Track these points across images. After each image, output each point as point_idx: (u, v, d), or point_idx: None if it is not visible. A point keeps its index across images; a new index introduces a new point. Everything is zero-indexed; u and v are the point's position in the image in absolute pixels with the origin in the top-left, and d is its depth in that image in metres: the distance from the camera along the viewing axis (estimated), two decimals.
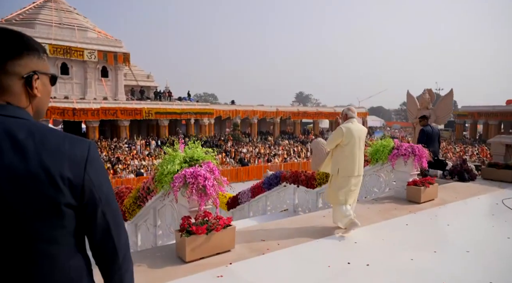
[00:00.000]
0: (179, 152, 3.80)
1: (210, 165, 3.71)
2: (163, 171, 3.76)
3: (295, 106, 46.18)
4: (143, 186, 4.53)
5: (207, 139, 29.81)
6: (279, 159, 24.69)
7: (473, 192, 6.28)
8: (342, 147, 4.23)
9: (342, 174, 4.17)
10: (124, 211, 5.32)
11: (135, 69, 34.37)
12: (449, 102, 7.99)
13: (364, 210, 5.10)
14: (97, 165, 1.01)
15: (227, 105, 35.71)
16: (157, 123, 30.56)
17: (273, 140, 34.75)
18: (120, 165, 20.67)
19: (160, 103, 29.61)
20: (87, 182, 0.96)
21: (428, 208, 5.21)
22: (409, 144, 5.81)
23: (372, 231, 4.23)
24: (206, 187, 3.45)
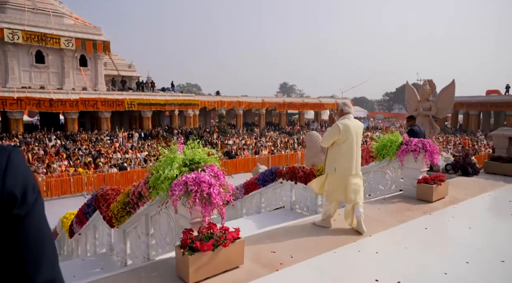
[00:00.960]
0: (177, 153, 3.28)
1: (214, 168, 3.22)
2: (159, 176, 3.24)
3: (280, 97, 45.75)
4: (133, 190, 3.99)
5: (191, 131, 29.07)
6: (266, 150, 24.28)
7: (481, 188, 6.02)
8: (338, 144, 3.97)
9: (339, 173, 3.97)
10: (110, 217, 4.76)
11: (116, 58, 33.01)
12: (450, 94, 7.72)
13: (375, 211, 4.73)
14: (19, 173, 0.76)
15: (212, 96, 34.92)
16: (140, 114, 29.54)
17: (259, 132, 34.31)
18: (101, 158, 19.78)
19: (143, 94, 28.57)
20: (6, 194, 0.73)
21: (442, 208, 4.89)
22: (418, 139, 5.45)
23: (391, 237, 3.85)
24: (211, 195, 2.96)
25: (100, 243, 6.49)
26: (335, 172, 3.99)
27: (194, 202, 2.94)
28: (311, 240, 3.75)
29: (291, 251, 3.46)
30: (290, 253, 3.40)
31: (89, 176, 17.05)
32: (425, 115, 7.96)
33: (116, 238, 5.52)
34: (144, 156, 20.73)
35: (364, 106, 75.41)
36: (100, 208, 5.44)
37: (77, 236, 7.51)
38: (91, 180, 17.09)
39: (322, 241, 3.70)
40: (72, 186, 16.52)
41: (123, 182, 17.38)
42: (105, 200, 5.29)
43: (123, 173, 17.55)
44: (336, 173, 3.97)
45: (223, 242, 2.96)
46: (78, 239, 7.65)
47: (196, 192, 2.94)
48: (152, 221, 4.20)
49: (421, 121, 8.00)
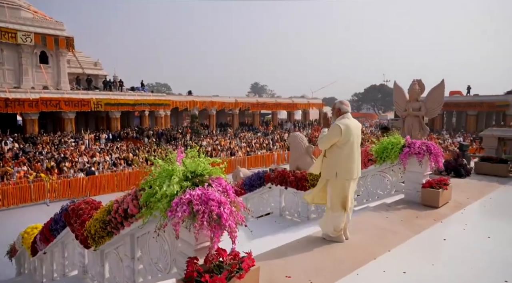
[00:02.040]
0: (176, 164, 2.70)
1: (222, 182, 2.68)
2: (153, 193, 2.66)
3: (254, 97, 45.41)
4: (116, 207, 3.35)
5: (163, 132, 27.98)
6: (242, 151, 23.76)
7: (479, 191, 5.88)
8: (339, 146, 3.60)
9: (341, 177, 3.57)
10: (86, 236, 4.07)
11: (80, 55, 31.14)
12: (440, 94, 7.61)
13: (383, 220, 4.38)
14: None
15: (184, 96, 33.88)
16: (108, 115, 28.02)
17: (232, 132, 33.71)
18: (66, 162, 18.37)
19: (111, 93, 27.08)
20: None
21: (450, 214, 4.63)
22: (422, 141, 5.18)
23: (413, 251, 3.49)
24: (222, 216, 2.42)
25: (71, 263, 5.71)
26: (336, 177, 3.59)
27: (201, 225, 2.39)
28: (327, 259, 3.29)
29: (308, 274, 2.99)
30: (308, 278, 2.93)
31: (52, 182, 15.72)
32: (414, 115, 7.80)
33: (91, 259, 4.80)
34: (114, 159, 19.53)
35: None
36: (72, 225, 4.70)
37: (41, 254, 6.64)
38: (55, 186, 15.78)
39: (339, 260, 3.25)
40: (32, 193, 15.14)
41: (92, 188, 16.23)
42: (77, 216, 4.56)
43: (91, 178, 16.37)
44: (338, 177, 3.58)
45: (236, 272, 2.43)
46: (42, 258, 6.77)
47: (203, 212, 2.39)
48: (139, 242, 3.57)
49: (411, 122, 7.84)
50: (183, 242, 2.65)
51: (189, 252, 2.61)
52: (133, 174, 17.62)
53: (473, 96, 39.07)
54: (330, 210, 3.67)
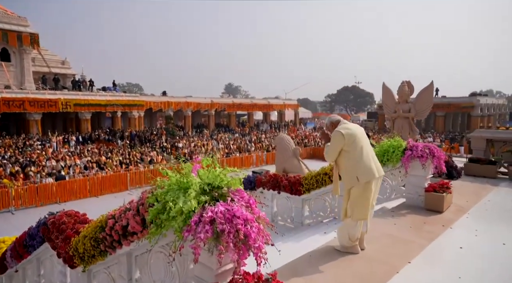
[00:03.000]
0: (192, 176, 2.35)
1: (244, 195, 2.36)
2: (165, 209, 2.29)
3: (229, 98, 44.97)
4: (111, 223, 2.92)
5: (137, 134, 26.96)
6: (220, 153, 23.30)
7: (475, 193, 5.89)
8: (348, 151, 3.39)
9: (364, 179, 3.33)
10: (72, 255, 3.59)
11: (47, 53, 29.48)
12: (429, 95, 7.65)
13: (391, 227, 4.21)
14: None
15: (158, 97, 32.89)
16: (77, 116, 26.65)
17: (209, 134, 33.13)
18: (33, 167, 17.15)
19: (80, 93, 25.76)
20: None
21: (457, 219, 4.55)
22: (424, 143, 5.08)
23: (434, 263, 3.32)
24: (250, 236, 2.10)
25: (48, 282, 5.13)
26: (358, 181, 3.35)
27: (227, 248, 2.06)
28: (349, 274, 3.05)
29: None
30: None
31: (17, 188, 14.59)
32: (404, 117, 7.80)
33: (74, 279, 4.29)
34: (85, 163, 18.48)
35: (308, 107, 77.75)
36: (52, 241, 4.18)
37: (10, 272, 5.97)
38: (20, 192, 14.65)
39: (361, 276, 3.02)
40: None
41: (62, 194, 15.22)
42: (59, 231, 4.06)
43: (61, 183, 15.34)
44: (361, 181, 3.33)
45: None
46: (12, 275, 6.09)
47: (229, 233, 2.06)
48: (137, 262, 3.16)
49: (401, 124, 7.83)
50: (200, 266, 2.30)
51: (208, 277, 2.27)
52: (107, 178, 16.73)
53: (441, 98, 40.70)
54: (350, 217, 3.43)
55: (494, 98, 48.62)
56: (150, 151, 22.38)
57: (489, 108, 41.11)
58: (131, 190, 17.14)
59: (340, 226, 3.65)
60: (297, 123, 45.90)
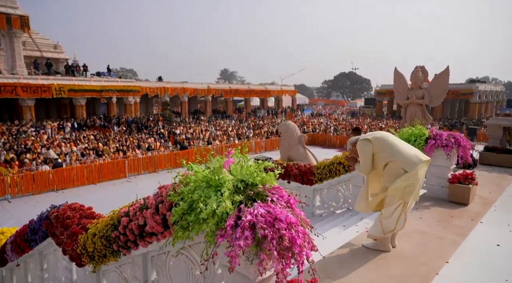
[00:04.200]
0: (223, 172, 2.05)
1: (283, 194, 2.07)
2: (194, 210, 2.00)
3: (226, 84, 44.32)
4: (125, 221, 2.63)
5: (133, 120, 26.46)
6: (218, 140, 22.97)
7: (496, 184, 5.69)
8: (382, 151, 3.15)
9: (412, 168, 3.01)
10: (79, 254, 3.31)
11: (38, 37, 28.53)
12: (444, 81, 7.34)
13: (418, 221, 3.98)
14: None
15: (154, 82, 32.22)
16: (71, 102, 26.02)
17: (206, 120, 32.70)
18: (28, 154, 16.72)
19: (74, 79, 25.05)
20: None
21: (484, 212, 4.33)
22: (448, 132, 4.81)
23: (473, 263, 3.09)
24: (295, 243, 1.83)
25: (52, 277, 4.87)
26: (407, 172, 3.02)
27: (270, 255, 1.79)
28: (385, 277, 2.81)
29: None
30: None
31: (13, 176, 14.21)
32: (418, 104, 7.50)
33: (81, 276, 4.03)
34: (82, 149, 18.07)
35: (305, 93, 77.13)
36: (57, 237, 3.90)
37: (11, 265, 5.70)
38: (16, 180, 14.28)
39: (400, 278, 2.78)
40: None
41: (59, 182, 14.88)
42: (64, 226, 3.77)
43: (58, 170, 14.97)
44: (410, 170, 3.02)
45: None
46: (13, 268, 5.83)
47: (272, 239, 1.78)
48: (154, 263, 2.89)
49: (414, 111, 7.54)
50: (235, 274, 2.03)
51: None
52: (104, 165, 16.38)
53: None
54: (387, 206, 3.16)
55: (492, 85, 48.48)
56: (147, 137, 21.98)
57: (487, 95, 41.01)
58: (130, 177, 16.84)
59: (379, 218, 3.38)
60: (295, 110, 45.53)
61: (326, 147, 23.68)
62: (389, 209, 3.13)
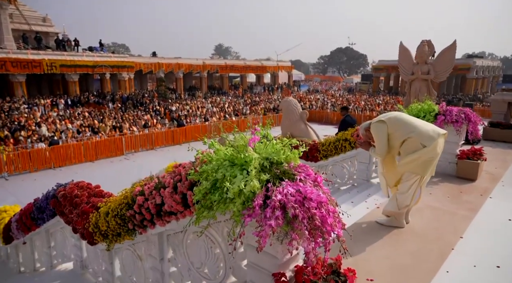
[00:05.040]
0: (250, 150, 1.97)
1: (310, 172, 2.01)
2: (220, 189, 1.93)
3: (222, 59, 43.50)
4: (141, 200, 2.57)
5: (128, 97, 26.03)
6: (216, 117, 22.79)
7: (502, 159, 5.71)
8: (397, 130, 3.08)
9: (431, 142, 2.97)
10: (91, 232, 3.28)
11: (25, 9, 27.43)
12: (451, 56, 7.20)
13: (428, 197, 3.99)
14: None
15: (148, 58, 31.46)
16: (64, 78, 25.41)
17: (202, 96, 32.31)
18: (23, 131, 16.46)
19: (66, 54, 24.34)
20: None
21: (492, 187, 4.36)
22: (458, 108, 4.75)
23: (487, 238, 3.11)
24: (325, 222, 1.78)
25: (60, 254, 4.88)
26: (426, 147, 2.98)
27: (301, 235, 1.75)
28: (401, 252, 2.82)
29: (392, 275, 2.50)
30: (395, 280, 2.43)
31: (9, 154, 14.03)
32: (423, 79, 7.39)
33: (91, 254, 4.03)
34: (77, 127, 17.82)
35: (301, 69, 76.18)
36: (65, 216, 3.86)
37: (17, 243, 5.70)
38: (12, 158, 14.12)
39: (416, 254, 2.79)
40: None
41: (56, 159, 14.75)
42: (72, 205, 3.72)
43: (55, 148, 14.80)
44: (429, 145, 2.98)
45: None
46: (18, 245, 5.84)
47: (303, 218, 1.73)
48: (170, 242, 2.87)
49: (419, 86, 7.44)
50: (261, 254, 1.99)
51: (271, 266, 1.97)
52: (101, 142, 16.23)
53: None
54: (404, 181, 3.14)
55: (489, 60, 48.23)
56: (143, 114, 21.71)
57: (484, 71, 40.86)
58: (127, 155, 16.76)
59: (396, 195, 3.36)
60: (291, 86, 45.10)
61: (323, 123, 23.63)
62: (406, 184, 3.11)
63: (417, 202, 3.25)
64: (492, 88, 43.91)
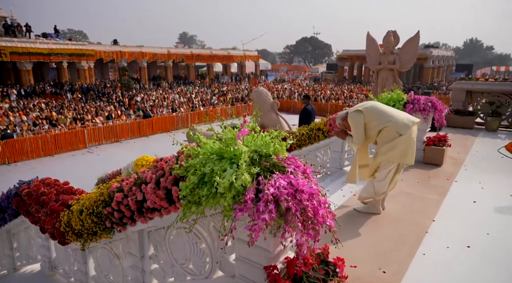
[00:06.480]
0: (238, 143, 1.92)
1: (299, 164, 2.00)
2: (209, 183, 1.87)
3: (187, 48, 42.41)
4: (120, 197, 2.43)
5: (88, 87, 24.75)
6: (183, 107, 22.28)
7: (462, 144, 6.06)
8: (373, 119, 3.18)
9: (405, 130, 3.08)
10: (63, 232, 3.09)
11: None
12: (414, 46, 7.47)
13: (399, 183, 4.13)
14: None
15: (109, 46, 29.98)
16: (15, 66, 23.64)
17: (167, 86, 31.44)
18: None
19: (17, 40, 22.57)
20: None
21: (457, 172, 4.62)
22: (425, 96, 4.96)
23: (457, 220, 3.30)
24: (317, 212, 1.79)
25: (24, 256, 4.58)
26: (402, 135, 3.07)
27: (295, 227, 1.74)
28: (380, 238, 2.92)
29: (374, 260, 2.58)
30: (377, 265, 2.52)
31: None
32: (389, 69, 7.63)
33: (61, 253, 3.82)
34: (33, 119, 16.70)
35: (267, 59, 76.16)
36: (31, 215, 3.61)
37: None
38: None
39: (394, 239, 2.91)
40: None
41: (10, 154, 13.79)
42: (39, 203, 3.49)
43: (9, 142, 13.81)
44: (404, 133, 3.08)
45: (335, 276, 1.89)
46: None
47: (296, 211, 1.73)
48: (150, 238, 2.77)
49: (385, 76, 7.68)
50: (252, 247, 1.97)
51: (262, 259, 1.96)
52: (61, 135, 15.38)
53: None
54: (382, 169, 3.23)
55: (443, 50, 50.85)
56: (106, 105, 20.78)
57: (439, 60, 43.04)
58: (90, 148, 16.03)
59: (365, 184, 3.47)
60: (258, 75, 45.05)
61: (291, 113, 23.87)
62: (383, 172, 3.21)
63: (393, 187, 3.38)
64: (446, 77, 46.46)
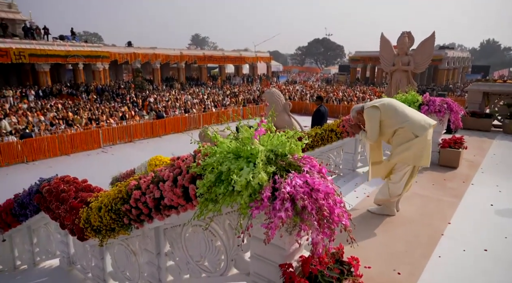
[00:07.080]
0: (256, 143, 1.95)
1: (314, 163, 2.02)
2: (225, 181, 1.92)
3: (200, 50, 42.78)
4: (137, 194, 2.50)
5: (103, 88, 25.21)
6: (196, 108, 22.46)
7: (479, 147, 5.96)
8: (390, 118, 3.13)
9: (422, 132, 3.05)
10: (82, 228, 3.18)
11: None
12: (429, 47, 7.39)
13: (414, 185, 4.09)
14: None
15: (123, 48, 30.47)
16: (34, 68, 24.25)
17: (180, 87, 31.76)
18: None
19: (35, 42, 23.17)
20: None
21: (473, 174, 4.55)
22: (441, 98, 4.90)
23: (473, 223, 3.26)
24: (333, 212, 1.81)
25: (43, 251, 4.72)
26: (417, 137, 3.05)
27: (311, 226, 1.77)
28: (395, 239, 2.91)
29: (388, 262, 2.58)
30: (392, 266, 2.52)
31: None
32: (403, 70, 7.56)
33: (80, 249, 3.92)
34: (50, 119, 17.10)
35: (279, 60, 76.14)
36: (52, 212, 3.72)
37: None
38: None
39: (409, 240, 2.89)
40: None
41: (28, 153, 14.15)
42: (59, 200, 3.60)
43: (27, 141, 14.17)
44: (420, 135, 3.05)
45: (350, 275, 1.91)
46: None
47: (312, 210, 1.75)
48: (166, 235, 2.83)
49: (399, 77, 7.61)
50: (273, 249, 1.99)
51: (277, 257, 1.99)
52: (77, 135, 15.71)
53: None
54: (397, 171, 3.21)
55: (459, 51, 49.97)
56: (120, 106, 21.12)
57: (454, 62, 42.29)
58: (105, 148, 16.32)
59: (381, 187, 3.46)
60: (270, 77, 45.09)
61: (303, 115, 23.81)
62: (398, 174, 3.20)
63: (408, 189, 3.36)
64: (462, 78, 45.59)
